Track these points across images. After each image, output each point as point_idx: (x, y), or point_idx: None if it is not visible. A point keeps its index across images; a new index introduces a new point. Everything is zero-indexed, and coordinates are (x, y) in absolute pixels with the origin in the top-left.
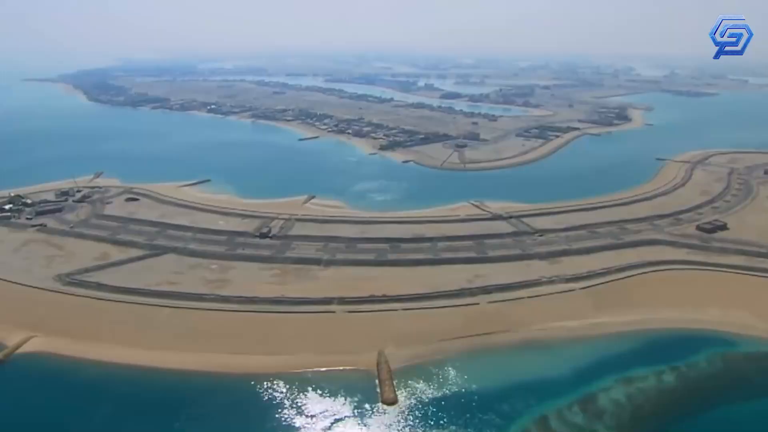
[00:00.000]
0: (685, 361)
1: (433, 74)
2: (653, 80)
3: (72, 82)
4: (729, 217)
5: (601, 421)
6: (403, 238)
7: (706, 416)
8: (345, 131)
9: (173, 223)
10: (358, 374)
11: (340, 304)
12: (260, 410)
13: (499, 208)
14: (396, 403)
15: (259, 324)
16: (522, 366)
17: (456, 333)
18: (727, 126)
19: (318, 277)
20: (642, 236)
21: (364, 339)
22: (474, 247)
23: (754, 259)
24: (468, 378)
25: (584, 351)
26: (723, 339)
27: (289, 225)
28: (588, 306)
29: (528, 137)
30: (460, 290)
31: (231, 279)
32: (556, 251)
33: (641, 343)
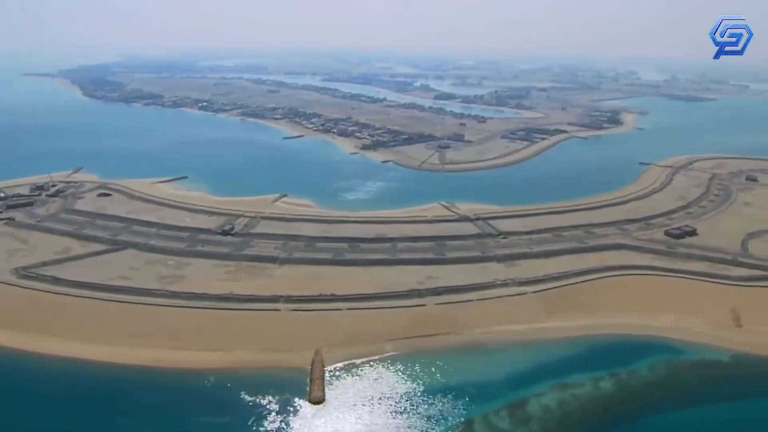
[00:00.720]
0: (627, 368)
1: (431, 75)
2: (653, 84)
3: (71, 77)
4: (701, 222)
5: (526, 427)
6: (364, 238)
7: (636, 425)
8: (330, 130)
9: (140, 219)
10: (292, 373)
11: (286, 303)
12: (186, 406)
13: (469, 209)
14: (323, 402)
15: (204, 320)
16: (458, 369)
17: (398, 334)
18: (719, 131)
19: (272, 275)
20: (607, 240)
21: (304, 337)
22: (433, 248)
23: (718, 266)
24: (401, 379)
25: (525, 355)
26: (671, 346)
27: (253, 223)
28: (538, 310)
29: (513, 139)
30: (410, 291)
31: (185, 275)
32: (515, 254)
33: (585, 349)
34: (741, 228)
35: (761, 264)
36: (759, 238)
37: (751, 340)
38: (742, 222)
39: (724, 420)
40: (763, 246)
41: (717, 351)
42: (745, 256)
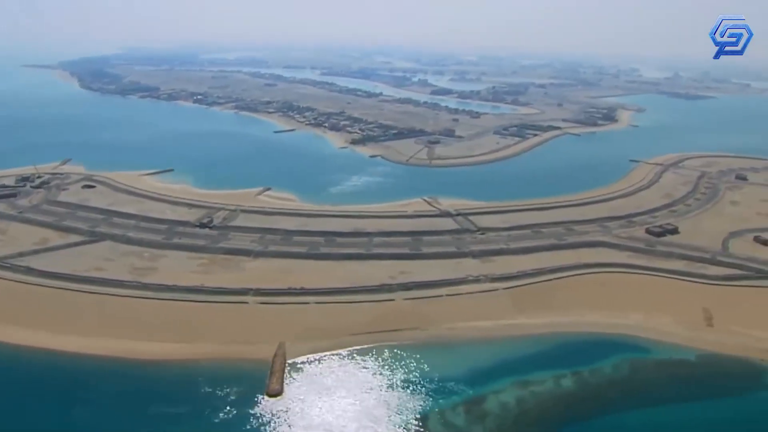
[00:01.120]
0: (590, 367)
1: (431, 70)
2: (654, 82)
3: (70, 69)
4: (685, 221)
5: (481, 424)
6: (340, 232)
7: (594, 423)
8: (322, 124)
9: (121, 211)
10: (253, 365)
11: (255, 296)
12: (147, 396)
13: (452, 204)
14: (280, 395)
15: (172, 312)
16: (419, 364)
17: (363, 328)
18: (715, 129)
19: (244, 268)
20: (587, 238)
21: (269, 330)
22: (409, 243)
23: (696, 265)
24: (360, 374)
25: (488, 352)
26: (638, 345)
27: (233, 216)
28: (507, 307)
29: (505, 135)
30: (379, 286)
31: (158, 267)
32: (491, 250)
33: (550, 347)
34: (724, 227)
35: (740, 263)
36: (741, 237)
37: (720, 340)
38: (727, 221)
39: (685, 420)
40: (744, 245)
41: (684, 350)
42: (725, 255)
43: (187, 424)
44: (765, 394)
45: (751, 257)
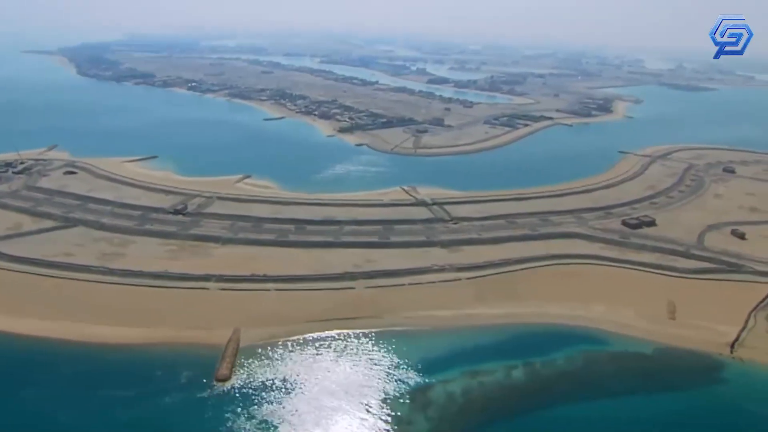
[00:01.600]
0: (543, 358)
1: (431, 59)
2: (656, 73)
3: (70, 55)
4: (664, 213)
5: (424, 413)
6: (312, 220)
7: (537, 414)
8: (312, 113)
9: (98, 197)
10: (206, 350)
11: (217, 282)
12: (98, 379)
13: (430, 194)
14: (228, 380)
15: (134, 297)
16: (371, 353)
17: (320, 316)
18: (711, 122)
19: (212, 254)
20: (561, 229)
21: (226, 316)
22: (380, 232)
23: (668, 257)
24: (310, 361)
25: (443, 341)
26: (595, 337)
27: (208, 203)
28: (468, 296)
29: (495, 125)
30: (343, 274)
31: (127, 253)
32: (461, 240)
33: (506, 337)
34: (703, 220)
35: (712, 256)
36: (719, 230)
37: (680, 333)
38: (707, 214)
39: (632, 413)
40: (720, 238)
41: (642, 343)
42: (699, 248)
43: (133, 406)
44: (718, 388)
45: (724, 251)
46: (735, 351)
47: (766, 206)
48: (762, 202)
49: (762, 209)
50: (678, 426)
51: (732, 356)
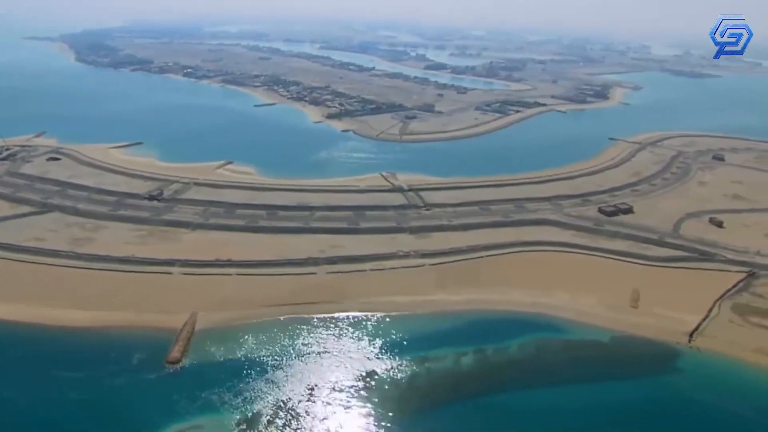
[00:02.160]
0: (496, 345)
1: (432, 45)
2: (661, 59)
3: (71, 42)
4: (645, 200)
5: (366, 399)
6: (284, 206)
7: (479, 401)
8: (303, 99)
9: (77, 183)
10: (162, 333)
11: (181, 267)
12: (51, 361)
13: (408, 180)
14: (178, 363)
15: (99, 281)
16: (323, 338)
17: (278, 300)
18: (709, 108)
19: (181, 240)
20: (535, 215)
21: (186, 300)
22: (350, 218)
23: (639, 245)
24: (262, 345)
25: (396, 327)
26: (553, 325)
27: (185, 189)
28: (429, 282)
29: (486, 111)
30: (306, 259)
31: (97, 238)
32: (430, 226)
33: (462, 324)
34: (683, 207)
35: (685, 245)
36: (697, 218)
37: (639, 322)
38: (688, 201)
39: (580, 401)
40: (697, 227)
41: (599, 332)
42: (673, 236)
43: (80, 388)
44: (670, 377)
45: (699, 239)
46: (693, 340)
47: (751, 194)
48: (747, 190)
49: (746, 197)
50: (627, 415)
51: (689, 345)
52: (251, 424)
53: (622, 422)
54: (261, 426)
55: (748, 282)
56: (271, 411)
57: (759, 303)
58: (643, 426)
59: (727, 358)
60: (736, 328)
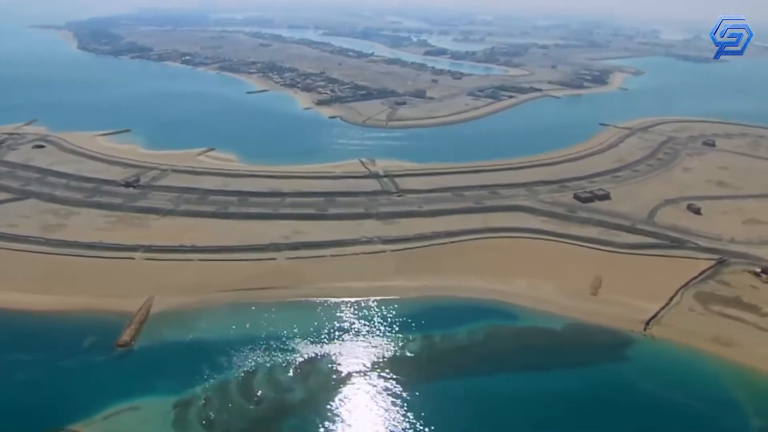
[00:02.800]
0: (446, 332)
1: (437, 30)
2: (668, 44)
3: (76, 30)
4: (624, 186)
5: (305, 383)
6: (256, 192)
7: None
8: (296, 85)
9: (58, 170)
10: (117, 317)
11: (144, 252)
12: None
13: (386, 166)
14: (128, 345)
15: (64, 266)
16: (272, 322)
17: (236, 286)
18: (710, 93)
19: (150, 226)
20: (507, 201)
21: (146, 285)
22: (320, 204)
23: (610, 232)
24: (213, 328)
25: (347, 313)
26: (506, 312)
27: (162, 176)
28: (389, 269)
29: (479, 97)
30: (267, 245)
31: (69, 224)
32: (399, 212)
33: (414, 310)
34: (663, 194)
35: (657, 232)
36: (674, 205)
37: (596, 309)
38: (669, 188)
39: (523, 388)
40: (673, 213)
41: (553, 319)
42: (646, 223)
43: (28, 370)
44: (620, 366)
45: (673, 226)
46: (649, 328)
47: (735, 181)
48: (732, 177)
49: (730, 184)
50: (570, 403)
51: (644, 334)
52: (187, 405)
53: (565, 410)
54: (196, 407)
55: (717, 270)
56: (209, 393)
57: (724, 291)
58: (586, 414)
59: (680, 347)
60: (696, 316)
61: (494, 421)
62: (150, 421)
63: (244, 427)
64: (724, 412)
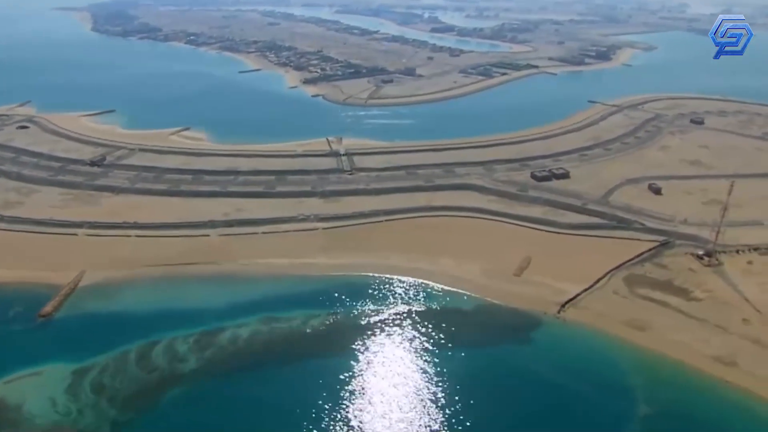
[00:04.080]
0: (351, 309)
1: (452, 6)
2: (692, 18)
3: (94, 11)
4: (589, 165)
5: (200, 353)
6: (212, 171)
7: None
8: (289, 64)
9: (32, 150)
10: (46, 290)
11: (88, 228)
12: None
13: (353, 144)
14: (48, 316)
15: (11, 241)
16: (187, 296)
17: (165, 261)
18: (721, 69)
19: (101, 203)
20: (459, 180)
21: (81, 260)
22: (270, 182)
23: (557, 212)
24: (133, 302)
25: (261, 288)
26: (423, 291)
27: (129, 155)
28: (315, 246)
29: (470, 74)
30: (205, 222)
31: (27, 202)
32: (344, 190)
33: (327, 287)
34: (627, 173)
35: (607, 212)
36: (635, 185)
37: (515, 290)
38: (635, 167)
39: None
40: (630, 193)
41: (467, 300)
42: (598, 203)
43: None
44: (520, 348)
45: (626, 206)
46: (563, 311)
47: (712, 160)
48: (710, 156)
49: (705, 163)
50: (458, 384)
51: (557, 316)
52: (85, 372)
53: (450, 392)
54: (93, 374)
55: (658, 252)
56: (109, 361)
57: (657, 274)
58: (472, 397)
59: (588, 330)
60: (618, 300)
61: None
62: (46, 386)
63: (131, 393)
64: (613, 397)
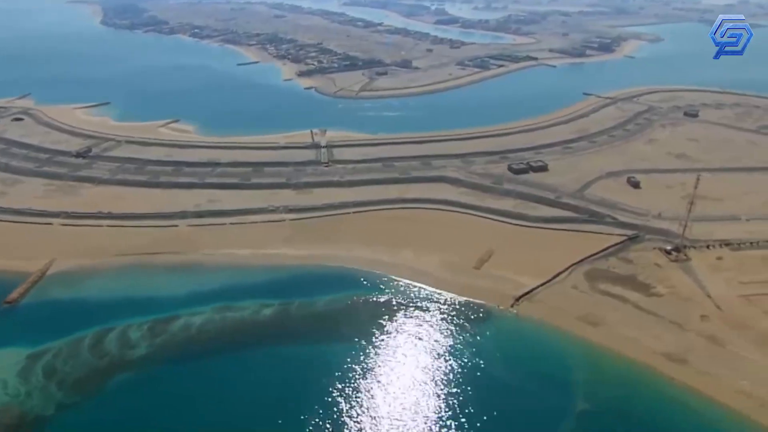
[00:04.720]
0: (305, 300)
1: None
2: (707, 9)
3: (106, 5)
4: (570, 158)
5: (151, 339)
6: (192, 162)
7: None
8: (287, 56)
9: (23, 142)
10: (16, 277)
11: (64, 218)
12: None
13: (336, 136)
14: (14, 302)
15: None
16: (147, 285)
17: (133, 250)
18: (727, 62)
19: (81, 194)
20: (435, 173)
21: (52, 248)
22: (247, 173)
23: (528, 205)
24: (97, 289)
25: (218, 278)
26: (379, 283)
27: (115, 146)
28: (280, 237)
29: (467, 66)
30: (175, 212)
31: (11, 192)
32: (317, 182)
33: (283, 277)
34: (607, 166)
35: (580, 205)
36: (614, 178)
37: (471, 284)
38: (617, 160)
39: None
40: (607, 187)
41: (420, 292)
42: (572, 197)
43: None
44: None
45: (601, 200)
46: (518, 305)
47: (699, 154)
48: (697, 149)
49: (692, 157)
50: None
51: (509, 310)
52: (39, 356)
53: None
54: (46, 359)
55: (625, 246)
56: (63, 346)
57: (621, 269)
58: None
59: (539, 324)
60: (576, 294)
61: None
62: (0, 369)
63: (79, 377)
64: (551, 392)
